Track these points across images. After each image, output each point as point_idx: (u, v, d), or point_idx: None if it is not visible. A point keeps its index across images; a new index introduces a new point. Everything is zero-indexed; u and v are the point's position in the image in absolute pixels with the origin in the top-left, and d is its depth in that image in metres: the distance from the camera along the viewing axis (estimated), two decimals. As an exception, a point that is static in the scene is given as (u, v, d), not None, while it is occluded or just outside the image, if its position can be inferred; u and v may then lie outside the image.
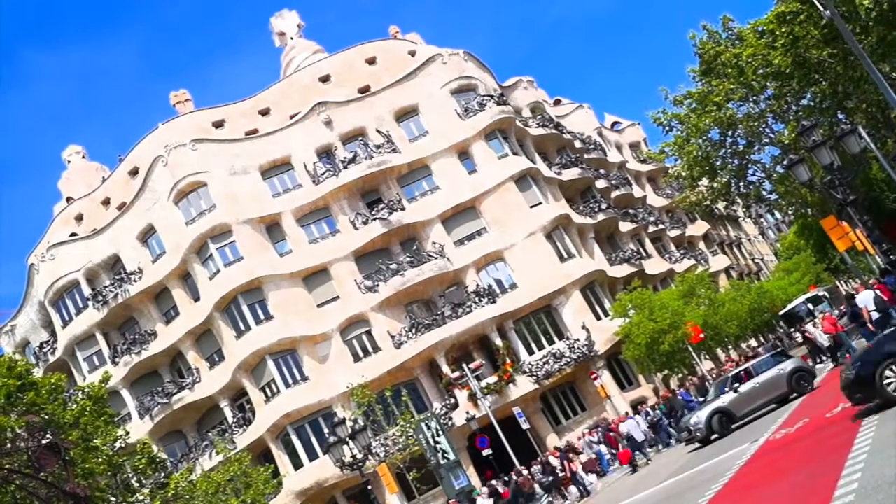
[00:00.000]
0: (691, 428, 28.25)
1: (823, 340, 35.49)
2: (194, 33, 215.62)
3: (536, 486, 34.36)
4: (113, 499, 30.90)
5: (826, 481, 12.49)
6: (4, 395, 28.38)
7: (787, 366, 28.51)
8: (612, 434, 39.55)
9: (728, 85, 40.75)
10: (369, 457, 34.23)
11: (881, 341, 16.43)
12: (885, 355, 15.32)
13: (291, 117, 52.45)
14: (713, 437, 27.50)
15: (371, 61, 57.01)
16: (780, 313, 60.57)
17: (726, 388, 28.52)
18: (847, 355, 28.56)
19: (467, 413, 44.57)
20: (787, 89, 37.11)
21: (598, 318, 48.94)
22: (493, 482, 37.65)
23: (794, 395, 27.64)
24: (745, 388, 27.87)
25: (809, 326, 40.08)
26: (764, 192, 48.97)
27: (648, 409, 41.73)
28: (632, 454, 34.61)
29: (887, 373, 15.02)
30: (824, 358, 35.75)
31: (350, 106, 51.45)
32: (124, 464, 32.96)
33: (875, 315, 25.31)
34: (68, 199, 60.04)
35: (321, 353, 46.22)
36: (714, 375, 43.80)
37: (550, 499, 31.23)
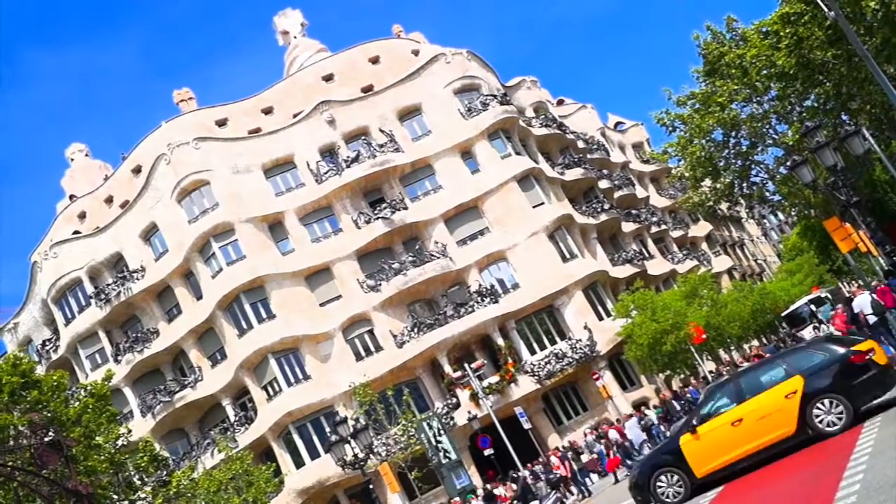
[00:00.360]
0: None
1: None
2: (197, 32, 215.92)
3: (542, 483, 34.34)
4: (115, 496, 30.96)
5: (828, 482, 12.49)
6: (8, 392, 28.46)
7: None
8: (603, 440, 39.36)
9: (732, 86, 40.70)
10: (371, 456, 34.25)
11: (657, 451, 18.90)
12: (657, 465, 17.87)
13: (294, 116, 52.44)
14: None
15: (374, 60, 57.00)
16: (783, 314, 60.51)
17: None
18: None
19: (469, 413, 44.54)
20: (791, 90, 37.07)
21: (601, 319, 48.93)
22: (489, 486, 37.60)
23: None
24: None
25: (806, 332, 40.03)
26: (767, 193, 48.85)
27: (643, 414, 41.56)
28: (621, 461, 34.52)
29: (659, 481, 17.54)
30: None
31: (353, 105, 51.45)
32: (126, 462, 33.05)
33: (872, 319, 25.28)
34: (71, 196, 60.08)
35: (323, 352, 46.24)
36: (724, 372, 43.82)
37: (559, 495, 31.21)
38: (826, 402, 16.03)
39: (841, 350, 16.75)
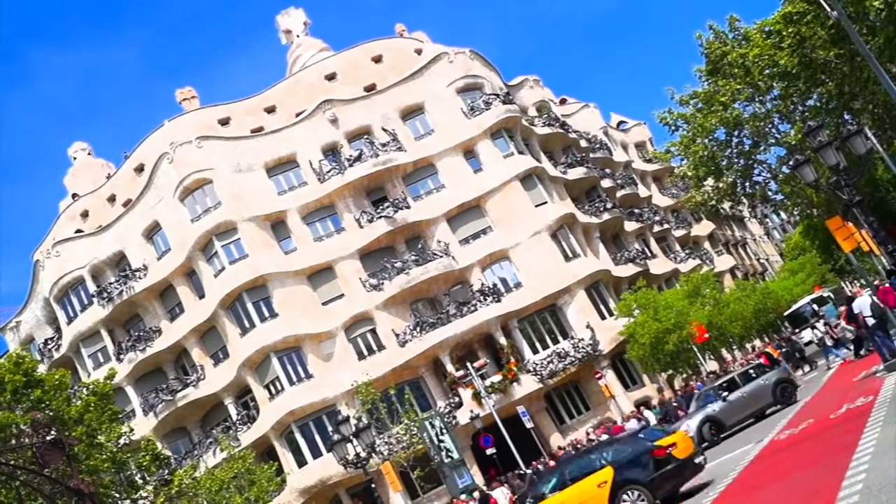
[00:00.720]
0: None
1: (848, 333, 35.19)
2: (200, 31, 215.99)
3: None
4: (117, 495, 31.03)
5: (830, 482, 12.49)
6: (11, 391, 28.50)
7: (772, 377, 28.32)
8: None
9: (734, 85, 40.70)
10: (373, 455, 34.22)
11: (536, 488, 21.24)
12: (537, 498, 20.18)
13: (297, 115, 52.41)
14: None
15: (377, 59, 56.95)
16: (785, 314, 60.51)
17: (713, 398, 28.01)
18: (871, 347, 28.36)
19: (471, 412, 44.53)
20: (794, 90, 37.05)
21: (603, 318, 48.89)
22: (484, 488, 37.52)
23: (779, 406, 27.33)
24: (733, 396, 27.45)
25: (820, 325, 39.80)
26: (769, 193, 48.90)
27: (641, 415, 41.48)
28: None
29: None
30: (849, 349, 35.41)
31: (356, 104, 51.42)
32: (128, 460, 33.08)
33: (871, 321, 25.30)
34: (74, 195, 60.10)
35: (325, 351, 46.22)
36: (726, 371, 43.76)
37: None
38: (631, 492, 18.32)
39: (647, 444, 19.19)
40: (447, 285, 48.70)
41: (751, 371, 29.40)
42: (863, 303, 26.30)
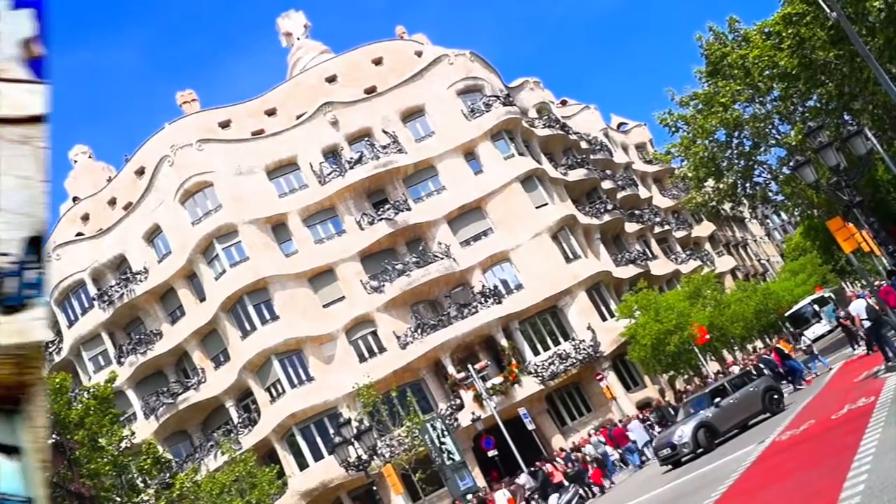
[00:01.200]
0: (675, 442, 26.72)
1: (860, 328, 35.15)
2: (200, 34, 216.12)
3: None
4: (118, 499, 30.99)
5: (832, 483, 12.47)
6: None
7: (760, 384, 28.25)
8: (581, 452, 38.96)
9: (734, 86, 40.72)
10: (374, 457, 34.17)
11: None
12: None
13: (298, 117, 52.40)
14: (686, 457, 26.54)
15: (377, 62, 56.94)
16: (786, 314, 60.50)
17: (705, 404, 27.85)
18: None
19: (473, 414, 44.53)
20: (794, 90, 37.09)
21: (604, 319, 48.88)
22: (482, 493, 37.48)
23: (767, 414, 27.23)
24: (725, 402, 27.31)
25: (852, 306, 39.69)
26: (770, 194, 48.91)
27: (646, 416, 41.44)
28: (602, 475, 34.69)
29: None
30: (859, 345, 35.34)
31: (356, 106, 51.41)
32: (129, 464, 33.07)
33: (867, 324, 25.29)
34: (74, 198, 60.10)
35: (326, 354, 46.21)
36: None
37: (577, 487, 31.18)
38: None
39: None
40: (448, 287, 48.69)
41: (738, 379, 29.32)
42: (859, 306, 26.33)
